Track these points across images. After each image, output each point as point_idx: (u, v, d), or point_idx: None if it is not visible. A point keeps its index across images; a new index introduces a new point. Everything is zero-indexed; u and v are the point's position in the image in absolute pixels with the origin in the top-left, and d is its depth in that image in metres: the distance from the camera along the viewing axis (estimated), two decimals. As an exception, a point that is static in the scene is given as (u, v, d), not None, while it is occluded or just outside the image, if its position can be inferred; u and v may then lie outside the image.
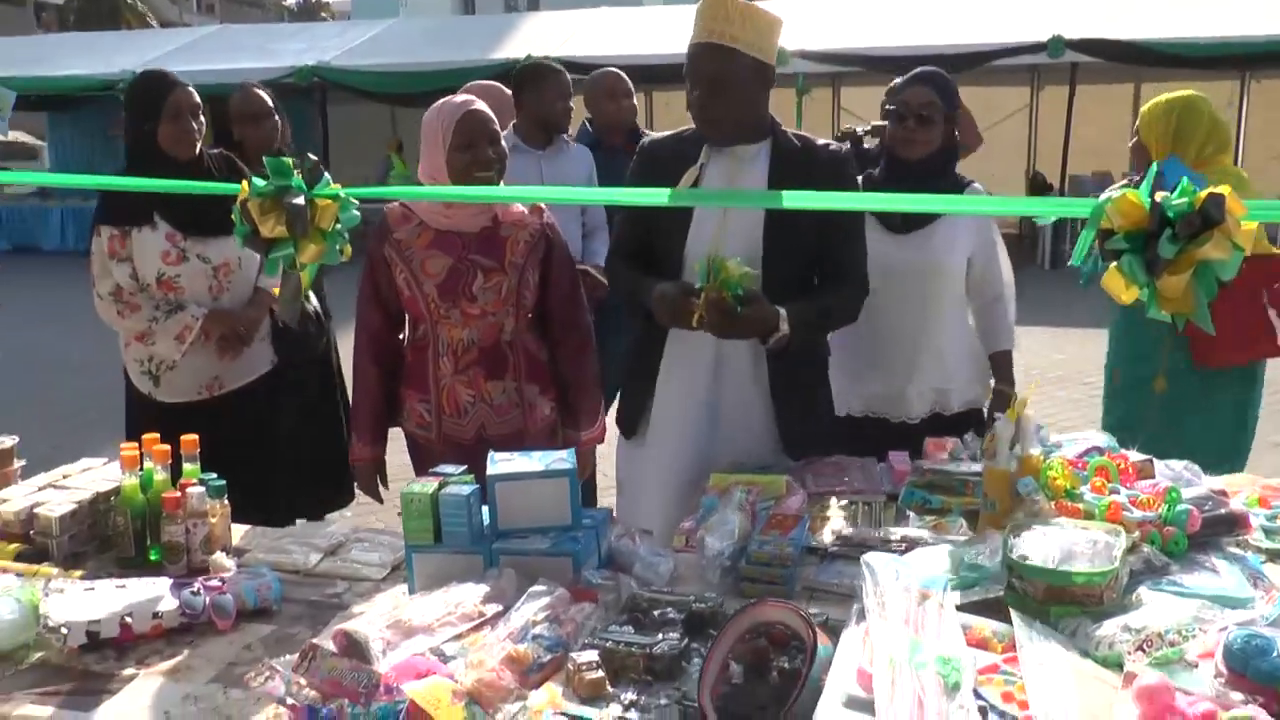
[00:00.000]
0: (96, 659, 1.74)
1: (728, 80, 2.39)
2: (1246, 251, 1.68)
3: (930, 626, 1.49)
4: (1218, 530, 1.98)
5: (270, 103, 3.82)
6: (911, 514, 2.13)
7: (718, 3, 2.38)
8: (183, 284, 3.11)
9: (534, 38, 14.64)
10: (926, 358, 2.90)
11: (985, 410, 2.98)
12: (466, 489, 1.89)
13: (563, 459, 1.96)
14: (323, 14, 58.75)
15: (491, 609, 1.70)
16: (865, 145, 5.50)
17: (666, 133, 2.71)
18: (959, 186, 2.90)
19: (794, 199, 2.27)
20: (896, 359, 2.90)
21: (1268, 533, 2.05)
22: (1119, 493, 2.01)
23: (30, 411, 6.07)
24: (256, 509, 2.52)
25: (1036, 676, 1.41)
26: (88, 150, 16.59)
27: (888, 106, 3.05)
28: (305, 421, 3.45)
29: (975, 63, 12.25)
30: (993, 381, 3.04)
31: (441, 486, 1.90)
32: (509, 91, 4.09)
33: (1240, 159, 14.03)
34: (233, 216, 2.14)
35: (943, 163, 2.91)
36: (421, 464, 2.78)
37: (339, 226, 2.09)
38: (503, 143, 2.67)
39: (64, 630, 1.74)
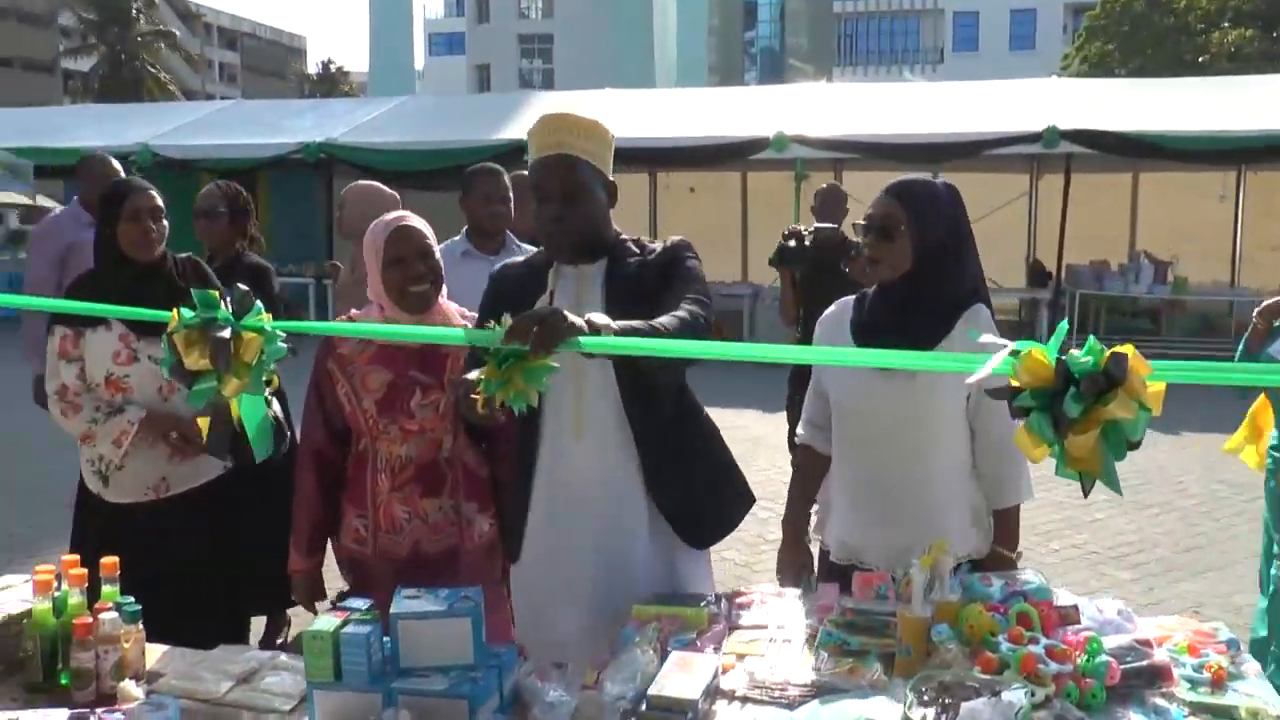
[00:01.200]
0: (-22, 798, 1.72)
1: (579, 190, 2.40)
2: (1155, 412, 1.67)
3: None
4: (1139, 682, 1.96)
5: (225, 202, 4.03)
6: (826, 655, 2.09)
7: (560, 118, 2.43)
8: (131, 383, 3.14)
9: (537, 118, 14.87)
10: (909, 507, 2.55)
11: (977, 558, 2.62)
12: (366, 628, 1.87)
13: (468, 597, 1.95)
14: (343, 85, 60.05)
15: (377, 758, 1.68)
16: (806, 243, 5.51)
17: (518, 258, 2.71)
18: (956, 306, 2.52)
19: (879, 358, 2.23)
20: (875, 506, 2.59)
21: (1193, 684, 2.02)
22: (1038, 642, 1.99)
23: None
24: (198, 611, 2.51)
25: None
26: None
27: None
28: (258, 527, 3.43)
29: (971, 151, 12.44)
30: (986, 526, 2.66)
31: (343, 625, 1.89)
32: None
33: (1236, 250, 14.13)
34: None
35: (933, 280, 2.50)
36: (356, 579, 2.78)
37: (264, 359, 2.10)
38: (436, 255, 2.69)
39: (-50, 766, 1.72)
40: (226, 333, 2.04)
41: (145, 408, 3.13)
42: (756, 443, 8.06)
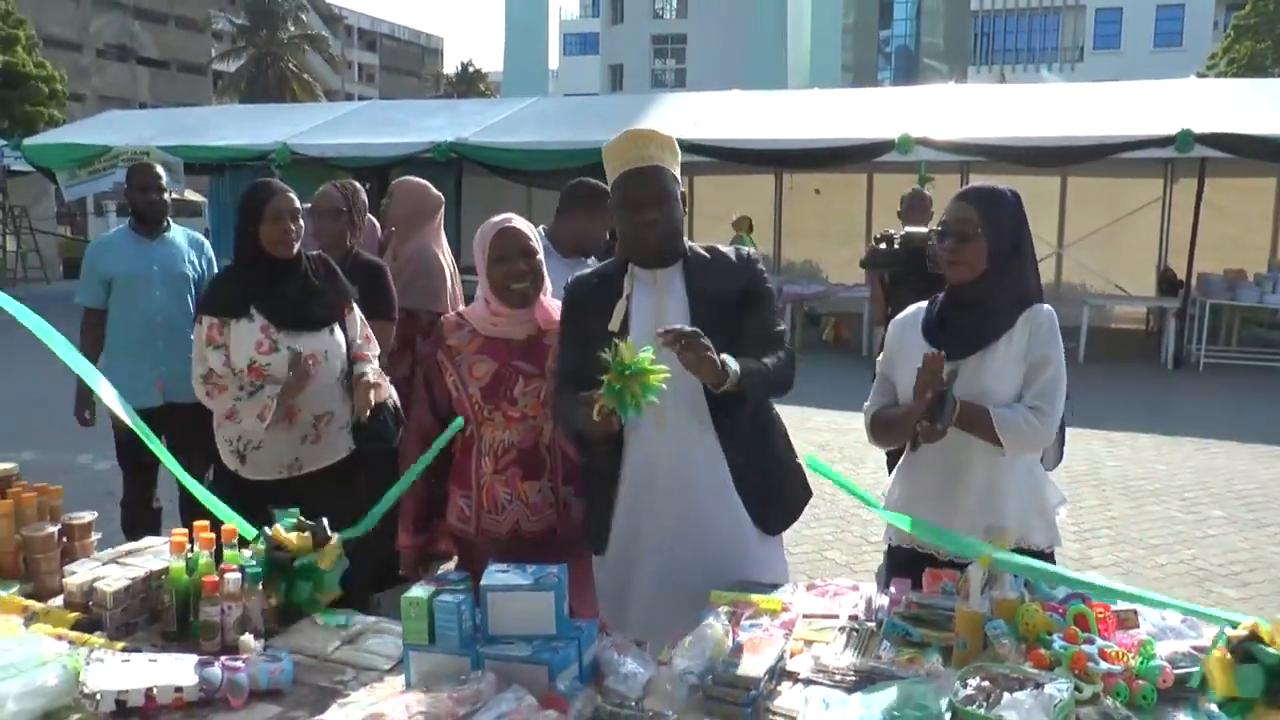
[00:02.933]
0: (122, 726, 1.97)
1: (668, 196, 2.62)
2: None
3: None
4: (1193, 688, 2.00)
5: (344, 202, 4.22)
6: (889, 644, 2.20)
7: (645, 133, 2.66)
8: (272, 370, 3.40)
9: (666, 119, 15.05)
10: (975, 490, 2.70)
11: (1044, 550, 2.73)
12: (459, 597, 2.06)
13: (553, 574, 2.11)
14: (479, 84, 61.48)
15: (462, 710, 1.86)
16: (896, 246, 5.58)
17: (590, 269, 2.89)
18: (1024, 304, 2.67)
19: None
20: (943, 493, 2.73)
21: (1249, 691, 2.06)
22: (1093, 643, 2.06)
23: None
24: None
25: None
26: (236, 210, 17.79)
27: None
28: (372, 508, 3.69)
29: (1097, 155, 12.09)
30: (1059, 517, 2.80)
31: (437, 593, 2.08)
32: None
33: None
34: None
35: (1002, 281, 2.66)
36: (462, 555, 2.99)
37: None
38: (539, 255, 2.89)
39: (97, 697, 1.97)
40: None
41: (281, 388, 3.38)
42: (823, 447, 8.06)
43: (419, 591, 2.09)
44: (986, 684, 1.84)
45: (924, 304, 2.85)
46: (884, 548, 3.01)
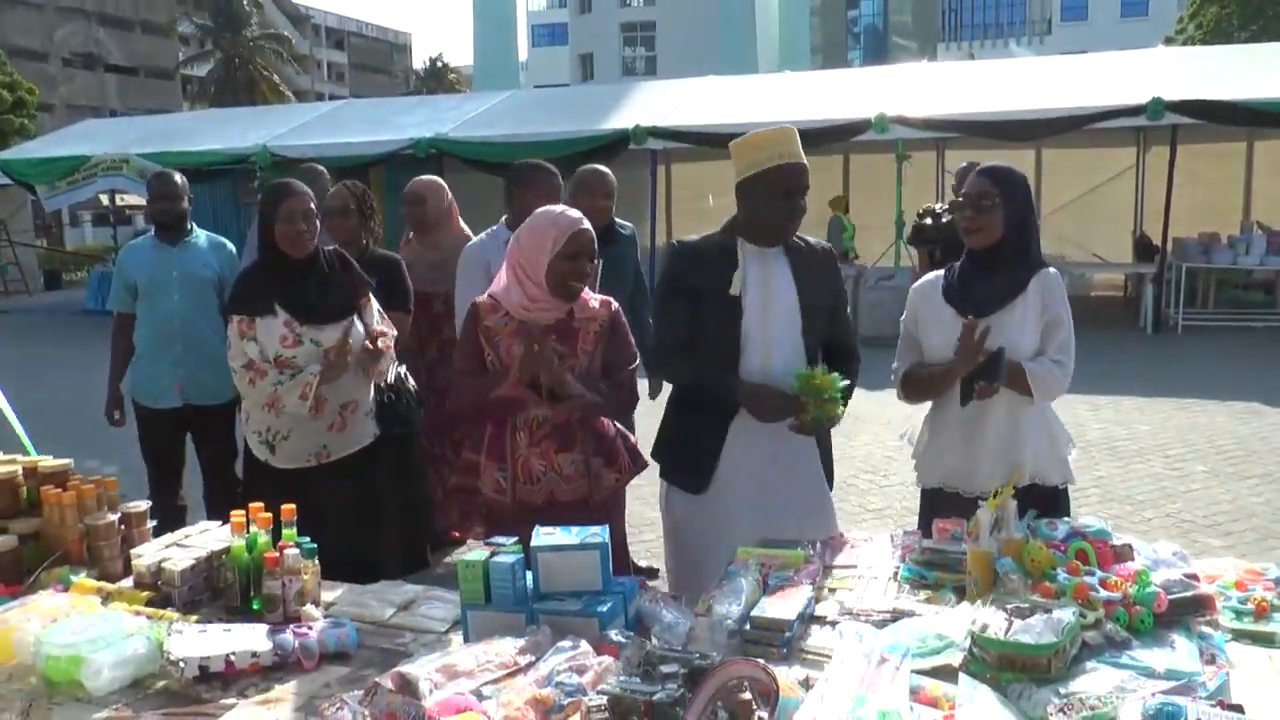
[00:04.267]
0: (206, 689, 2.12)
1: (805, 190, 3.07)
2: None
3: (881, 685, 1.76)
4: (1185, 610, 2.19)
5: (354, 201, 4.37)
6: (908, 587, 2.38)
7: (786, 132, 3.11)
8: (299, 362, 3.55)
9: (642, 108, 15.20)
10: (996, 434, 3.05)
11: (1059, 486, 3.12)
12: (512, 558, 2.23)
13: (596, 534, 2.29)
14: (449, 78, 61.35)
15: (525, 659, 2.03)
16: (944, 220, 5.78)
17: (693, 236, 3.21)
18: (1033, 268, 3.03)
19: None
20: (971, 436, 3.09)
21: (1238, 614, 2.25)
22: (1094, 574, 2.24)
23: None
24: (348, 563, 2.90)
25: (966, 731, 1.67)
26: (221, 214, 17.70)
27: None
28: (396, 491, 3.86)
29: (1071, 126, 12.32)
30: (1071, 457, 3.16)
31: (492, 555, 2.25)
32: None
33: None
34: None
35: (1017, 247, 3.02)
36: (495, 525, 3.16)
37: None
38: (596, 259, 3.09)
39: (181, 664, 2.13)
40: None
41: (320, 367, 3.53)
42: (859, 420, 8.27)
43: (474, 555, 2.26)
44: (1001, 613, 2.02)
45: (940, 271, 3.19)
46: (883, 515, 3.29)
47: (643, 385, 3.34)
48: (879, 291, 12.67)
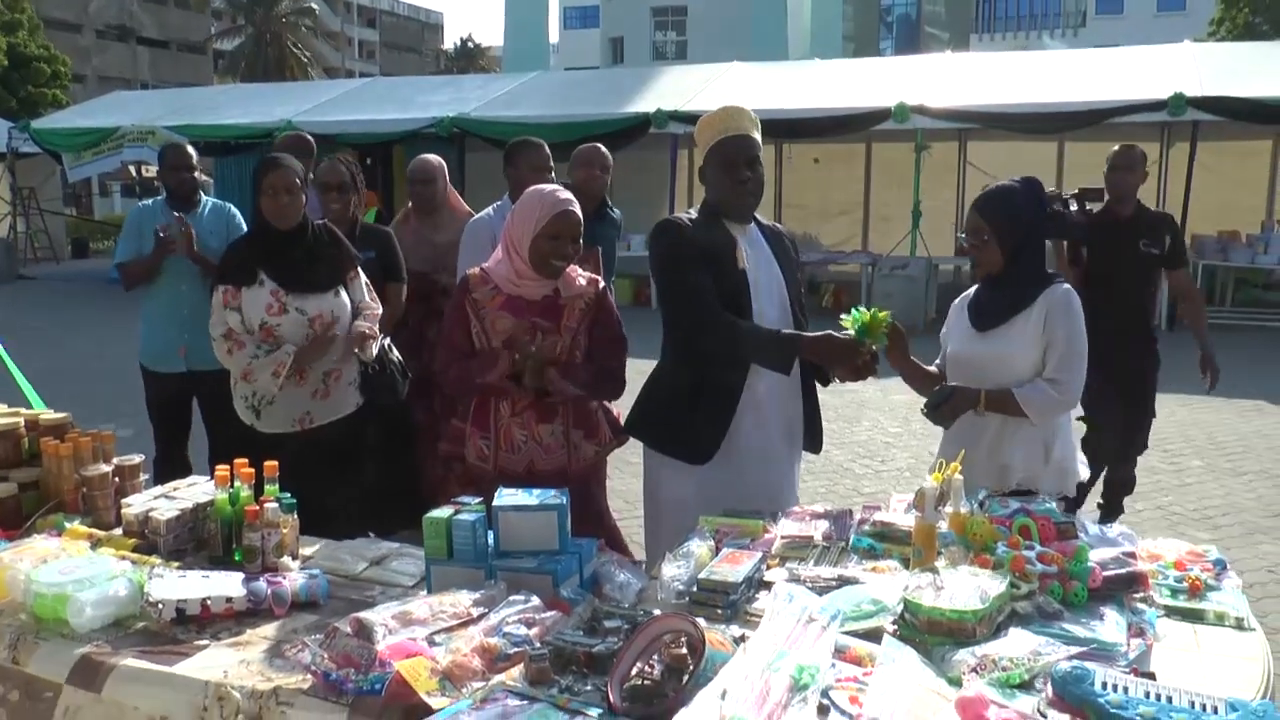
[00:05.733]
0: (182, 630, 2.24)
1: (752, 162, 3.15)
2: None
3: (805, 642, 1.86)
4: (1118, 586, 2.28)
5: (350, 177, 4.44)
6: (856, 557, 2.48)
7: (734, 109, 3.15)
8: (283, 331, 3.65)
9: (666, 92, 15.25)
10: (987, 439, 3.14)
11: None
12: (474, 516, 2.34)
13: (556, 497, 2.39)
14: (479, 60, 61.40)
15: (478, 611, 2.14)
16: (1072, 207, 5.45)
17: (681, 215, 3.26)
18: (1042, 284, 3.12)
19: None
20: (964, 440, 3.08)
21: (1173, 592, 2.34)
22: (1033, 549, 2.33)
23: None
24: (329, 524, 3.01)
25: (880, 686, 1.76)
26: (246, 187, 17.97)
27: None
28: (379, 456, 3.98)
29: (1092, 121, 12.28)
30: (1075, 471, 3.23)
31: (456, 513, 2.36)
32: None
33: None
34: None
35: (1021, 268, 3.11)
36: (478, 490, 3.27)
37: None
38: (580, 240, 3.17)
39: (160, 606, 2.25)
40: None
41: (297, 347, 3.65)
42: (862, 405, 8.37)
43: (438, 513, 2.37)
44: (933, 579, 2.11)
45: (975, 287, 3.32)
46: (875, 500, 3.39)
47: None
48: (892, 280, 12.72)
